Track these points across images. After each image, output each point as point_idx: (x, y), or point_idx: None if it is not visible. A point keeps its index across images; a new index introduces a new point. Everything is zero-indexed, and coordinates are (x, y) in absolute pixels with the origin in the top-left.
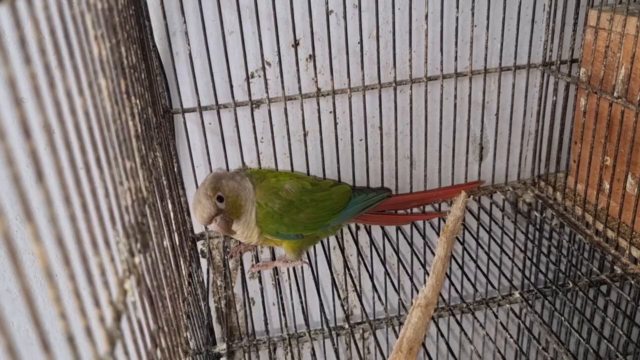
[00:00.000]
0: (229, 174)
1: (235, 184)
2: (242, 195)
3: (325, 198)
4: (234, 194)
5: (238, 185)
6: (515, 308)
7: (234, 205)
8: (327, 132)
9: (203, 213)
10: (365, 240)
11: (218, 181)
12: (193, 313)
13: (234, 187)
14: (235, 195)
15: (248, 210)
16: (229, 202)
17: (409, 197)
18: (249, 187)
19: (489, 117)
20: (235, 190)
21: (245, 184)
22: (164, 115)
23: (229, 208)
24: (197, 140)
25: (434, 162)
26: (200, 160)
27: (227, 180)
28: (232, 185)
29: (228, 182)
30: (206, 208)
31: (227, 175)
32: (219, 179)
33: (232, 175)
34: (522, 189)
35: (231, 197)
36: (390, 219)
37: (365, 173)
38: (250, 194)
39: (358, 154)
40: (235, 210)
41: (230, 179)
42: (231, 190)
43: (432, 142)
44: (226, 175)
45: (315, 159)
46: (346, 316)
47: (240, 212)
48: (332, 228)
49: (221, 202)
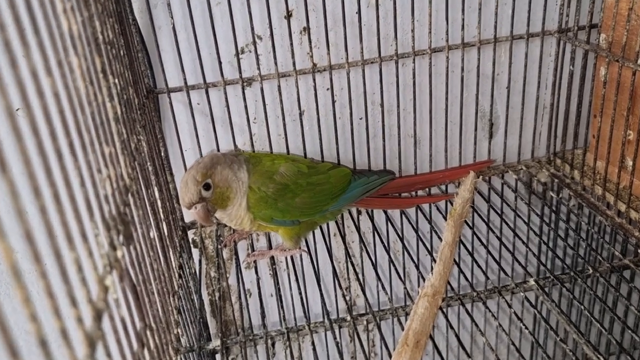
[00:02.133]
0: (228, 160)
1: (229, 174)
2: (232, 188)
3: (322, 181)
4: (225, 184)
5: (232, 176)
6: (531, 296)
7: (221, 196)
8: (325, 110)
9: (185, 196)
10: (368, 226)
11: (212, 167)
12: (184, 308)
13: (227, 177)
14: (225, 186)
15: (237, 202)
16: (216, 193)
17: (413, 178)
18: (243, 178)
19: (500, 90)
20: (227, 182)
21: (240, 174)
22: (147, 96)
23: (214, 198)
24: (184, 122)
25: (439, 140)
26: (189, 144)
27: (223, 168)
28: (226, 175)
29: (222, 171)
30: (189, 192)
31: (225, 161)
32: (214, 165)
33: (230, 163)
34: (537, 167)
35: (220, 187)
36: (394, 203)
37: (366, 154)
38: (242, 186)
39: (358, 134)
40: (222, 201)
41: (227, 166)
42: (222, 181)
43: (437, 119)
44: (224, 161)
45: (312, 140)
46: (348, 307)
47: (226, 204)
48: (330, 213)
49: (207, 191)
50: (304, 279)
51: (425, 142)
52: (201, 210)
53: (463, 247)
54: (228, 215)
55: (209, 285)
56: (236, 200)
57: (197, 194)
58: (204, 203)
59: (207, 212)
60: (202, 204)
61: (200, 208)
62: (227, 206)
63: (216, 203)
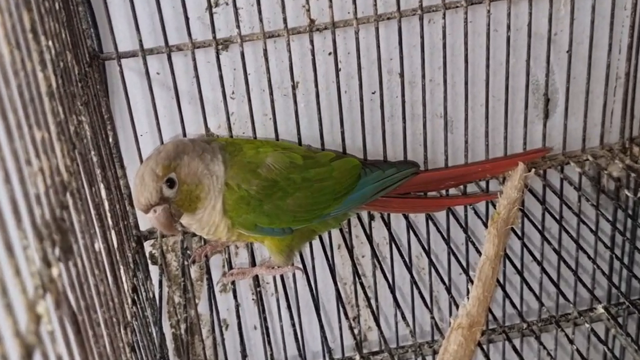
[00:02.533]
0: (197, 148)
1: (200, 167)
2: (204, 185)
3: (323, 176)
4: (194, 180)
5: (204, 169)
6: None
7: (188, 196)
8: (326, 82)
9: (141, 197)
10: (383, 236)
11: (177, 157)
12: (140, 344)
13: (197, 170)
14: (195, 183)
15: (209, 204)
16: (183, 192)
17: (443, 173)
18: (218, 172)
19: (558, 55)
20: (197, 176)
21: (213, 167)
22: (90, 63)
23: (180, 198)
24: (140, 97)
25: (478, 122)
26: (146, 126)
27: (191, 159)
28: (195, 167)
29: (191, 162)
30: (146, 191)
31: (194, 149)
32: (179, 155)
33: (200, 152)
34: (607, 157)
35: (188, 184)
36: (418, 205)
37: (381, 140)
38: (217, 182)
39: (370, 113)
40: (190, 202)
41: (197, 157)
42: (191, 175)
43: (475, 94)
44: (192, 149)
45: (309, 121)
46: (357, 343)
47: (195, 206)
48: (333, 219)
49: (170, 188)
50: (298, 306)
51: (460, 124)
52: (162, 214)
53: (509, 263)
54: (198, 222)
55: (172, 314)
56: (209, 201)
57: (158, 194)
58: (166, 205)
59: (171, 217)
60: (164, 206)
61: (161, 212)
62: (196, 209)
63: (182, 205)
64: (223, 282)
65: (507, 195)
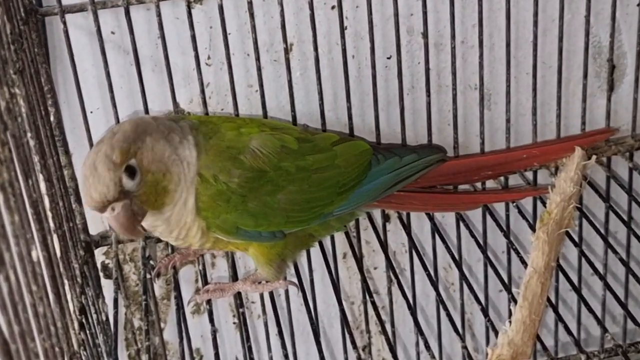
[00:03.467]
0: (162, 127)
1: (167, 151)
2: (173, 174)
3: (324, 165)
4: (161, 168)
5: (171, 154)
6: None
7: (154, 188)
8: (328, 44)
9: (94, 192)
10: (401, 241)
11: (138, 139)
12: None
13: (164, 155)
14: (161, 171)
15: (179, 200)
16: (148, 183)
17: (478, 160)
18: (189, 158)
19: (626, 10)
20: (164, 163)
21: (183, 151)
22: (26, 20)
23: (144, 192)
24: (89, 64)
25: (523, 95)
26: (97, 101)
27: (155, 141)
28: (162, 151)
29: (155, 145)
30: (101, 184)
31: (158, 129)
32: (139, 136)
33: (166, 132)
34: None
35: (153, 173)
36: (446, 202)
37: (399, 119)
38: (189, 171)
39: (384, 84)
40: (156, 197)
41: (163, 137)
42: (156, 162)
43: (519, 59)
44: (157, 128)
45: (306, 94)
46: None
47: (162, 202)
48: (337, 220)
49: (131, 179)
50: (292, 333)
51: (499, 97)
52: (123, 214)
53: (563, 277)
54: (165, 222)
55: (130, 342)
56: (179, 194)
57: (116, 187)
58: (126, 201)
59: (133, 216)
60: (124, 202)
61: (121, 210)
62: (164, 205)
63: (146, 201)
64: (196, 301)
65: (561, 189)
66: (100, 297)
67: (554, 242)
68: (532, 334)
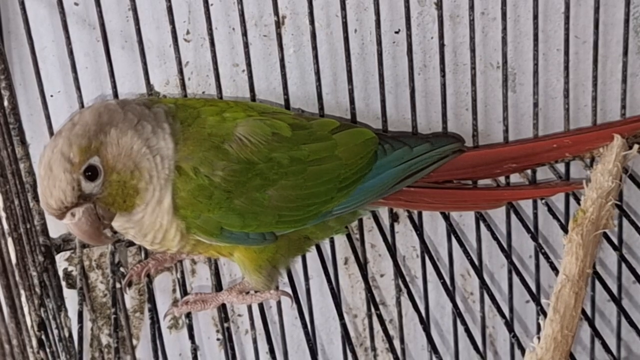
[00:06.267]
0: (130, 115)
1: (135, 144)
2: (142, 170)
3: (322, 156)
4: (128, 166)
5: (141, 147)
6: None
7: (121, 189)
8: (326, 17)
9: (49, 197)
10: (412, 244)
11: (100, 131)
12: None
13: (132, 149)
14: (129, 169)
15: (152, 199)
16: (113, 184)
17: (501, 151)
18: (164, 150)
19: None
20: (132, 159)
21: (157, 142)
22: None
23: (109, 194)
24: (49, 40)
25: (553, 75)
26: (58, 84)
27: (122, 133)
28: (128, 145)
29: (122, 138)
30: (57, 189)
31: (125, 117)
32: (102, 128)
33: (135, 120)
34: None
35: (119, 172)
36: (464, 199)
37: (409, 103)
38: (163, 165)
39: (391, 63)
40: (123, 198)
41: (131, 128)
42: (123, 158)
43: (547, 33)
44: (124, 117)
45: (300, 74)
46: None
47: (132, 203)
48: (338, 220)
49: (92, 181)
50: (285, 350)
51: (526, 77)
52: (85, 220)
53: (600, 285)
54: (137, 224)
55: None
56: (151, 193)
57: (74, 191)
58: (88, 206)
59: (98, 221)
60: (86, 207)
61: (82, 216)
62: (134, 206)
63: (113, 203)
64: (174, 315)
65: (598, 184)
66: (62, 309)
67: (590, 245)
68: (564, 351)
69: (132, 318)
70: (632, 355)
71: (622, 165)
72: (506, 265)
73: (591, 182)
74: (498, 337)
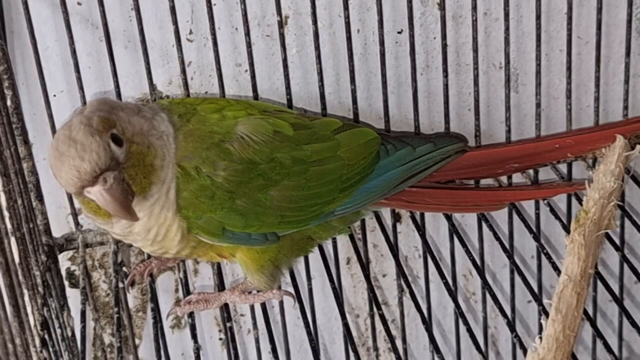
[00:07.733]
0: (131, 106)
1: (144, 125)
2: (156, 147)
3: (324, 156)
4: (144, 140)
5: (149, 127)
6: None
7: (142, 160)
8: (329, 17)
9: (82, 161)
10: (414, 245)
11: (112, 111)
12: None
13: (142, 128)
14: (145, 144)
15: (163, 186)
16: (134, 154)
17: (503, 151)
18: (166, 135)
19: None
20: (145, 135)
21: (160, 124)
22: None
23: (131, 164)
24: (52, 40)
25: (556, 76)
26: (61, 83)
27: (130, 115)
28: (140, 124)
29: (132, 118)
30: (89, 151)
31: (127, 106)
32: (113, 109)
33: (136, 109)
34: None
35: (138, 144)
36: (466, 199)
37: (411, 103)
38: (168, 147)
39: (394, 63)
40: (143, 172)
41: (135, 113)
42: (138, 134)
43: (551, 33)
44: (125, 106)
45: (303, 74)
46: None
47: (150, 181)
48: (340, 220)
49: (119, 147)
50: (287, 350)
51: (528, 77)
52: (117, 185)
53: (602, 286)
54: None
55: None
56: (163, 177)
57: (106, 152)
58: (118, 172)
59: (127, 189)
60: (116, 172)
61: (114, 181)
62: (149, 186)
63: (135, 176)
64: (176, 314)
65: (600, 185)
66: (65, 309)
67: (592, 245)
68: (566, 351)
69: (134, 317)
70: (634, 356)
71: (624, 165)
72: (508, 265)
73: (593, 183)
74: (500, 337)
